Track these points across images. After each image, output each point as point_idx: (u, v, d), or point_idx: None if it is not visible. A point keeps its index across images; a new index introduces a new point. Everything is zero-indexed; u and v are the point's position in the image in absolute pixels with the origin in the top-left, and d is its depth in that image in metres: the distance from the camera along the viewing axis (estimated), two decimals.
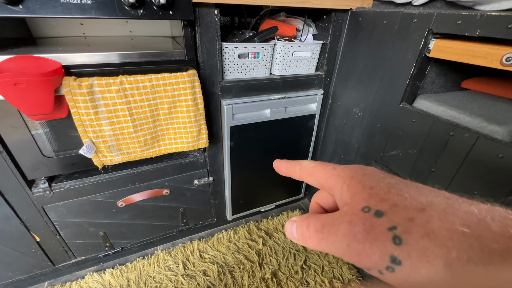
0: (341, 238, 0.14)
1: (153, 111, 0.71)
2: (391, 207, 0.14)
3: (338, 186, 0.17)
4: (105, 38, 0.88)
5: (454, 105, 0.65)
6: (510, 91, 0.69)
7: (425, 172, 0.69)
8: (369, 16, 0.79)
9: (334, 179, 0.18)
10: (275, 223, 1.21)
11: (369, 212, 0.14)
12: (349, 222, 0.14)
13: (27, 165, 0.70)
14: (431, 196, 0.14)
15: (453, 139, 0.61)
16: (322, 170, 0.19)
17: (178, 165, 0.92)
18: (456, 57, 0.58)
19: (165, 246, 1.10)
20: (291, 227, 0.18)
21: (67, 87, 0.58)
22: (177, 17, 0.63)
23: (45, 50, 0.65)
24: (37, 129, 0.68)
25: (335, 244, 0.15)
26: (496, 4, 0.54)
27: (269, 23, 0.90)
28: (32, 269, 0.89)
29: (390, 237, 0.13)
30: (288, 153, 1.09)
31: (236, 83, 0.84)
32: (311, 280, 0.97)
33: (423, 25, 0.63)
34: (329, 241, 0.15)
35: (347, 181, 0.17)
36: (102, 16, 0.56)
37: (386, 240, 0.13)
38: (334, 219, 0.16)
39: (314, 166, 0.20)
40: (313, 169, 0.20)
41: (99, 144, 0.68)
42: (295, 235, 0.18)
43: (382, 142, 0.82)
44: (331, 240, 0.15)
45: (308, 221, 0.17)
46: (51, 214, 0.81)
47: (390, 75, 0.75)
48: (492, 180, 0.55)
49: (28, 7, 0.51)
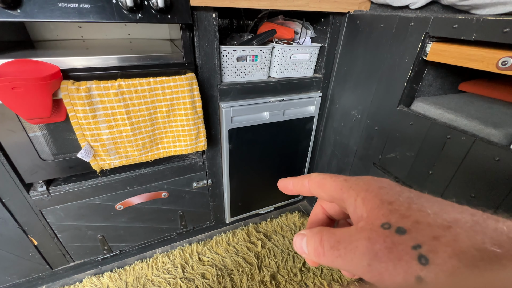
0: (361, 256, 0.14)
1: (152, 115, 0.71)
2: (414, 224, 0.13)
3: (351, 199, 0.16)
4: (103, 41, 0.88)
5: (451, 108, 0.66)
6: (506, 94, 0.70)
7: (422, 175, 0.69)
8: (366, 19, 0.79)
9: (346, 191, 0.17)
10: (274, 225, 1.21)
11: (389, 229, 0.13)
12: (368, 239, 0.14)
13: (24, 168, 0.70)
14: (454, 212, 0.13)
15: (450, 142, 0.61)
16: (332, 181, 0.18)
17: (176, 168, 0.92)
18: (453, 60, 0.58)
19: (164, 249, 1.10)
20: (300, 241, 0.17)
21: (65, 91, 0.58)
22: (175, 20, 0.63)
23: (43, 54, 0.65)
24: (35, 132, 0.68)
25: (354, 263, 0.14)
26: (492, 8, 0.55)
27: (268, 26, 0.90)
28: (29, 273, 0.88)
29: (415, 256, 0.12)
30: (286, 155, 1.09)
31: (234, 86, 0.84)
32: (310, 282, 0.97)
33: (420, 28, 0.64)
34: (347, 259, 0.14)
35: (362, 194, 0.16)
36: (101, 20, 0.57)
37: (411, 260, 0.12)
38: (350, 235, 0.15)
39: (324, 178, 0.19)
40: (323, 181, 0.19)
41: (97, 147, 0.68)
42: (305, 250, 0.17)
43: (380, 145, 0.82)
44: (348, 258, 0.14)
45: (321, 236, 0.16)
46: (49, 218, 0.80)
47: (387, 78, 0.75)
48: (489, 183, 0.55)
49: (26, 11, 0.51)
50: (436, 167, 0.65)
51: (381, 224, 0.14)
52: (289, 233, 1.17)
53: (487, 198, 0.56)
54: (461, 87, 0.78)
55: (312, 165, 1.22)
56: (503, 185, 0.53)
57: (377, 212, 0.14)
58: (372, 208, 0.15)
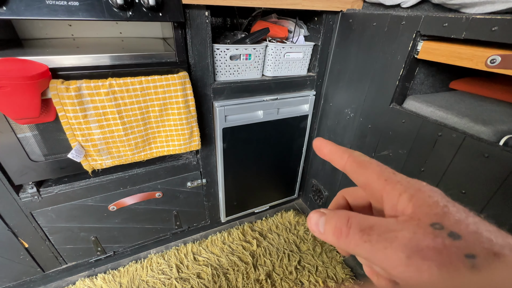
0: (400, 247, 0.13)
1: (144, 114, 0.70)
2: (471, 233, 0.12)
3: (395, 192, 0.15)
4: (94, 40, 0.86)
5: (442, 106, 0.67)
6: (496, 92, 0.71)
7: (415, 172, 0.70)
8: (359, 18, 0.80)
9: (392, 183, 0.16)
10: (269, 224, 1.21)
11: (441, 230, 0.12)
12: (414, 233, 0.13)
13: (13, 169, 0.69)
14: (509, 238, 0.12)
15: (442, 139, 0.62)
16: (378, 168, 0.17)
17: (170, 168, 0.91)
18: (443, 58, 0.59)
19: (159, 250, 1.09)
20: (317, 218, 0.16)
21: (54, 90, 0.57)
22: (167, 19, 0.62)
23: (32, 52, 0.64)
24: (24, 132, 0.66)
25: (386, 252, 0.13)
26: (481, 7, 0.56)
27: (261, 24, 0.90)
28: (20, 276, 0.87)
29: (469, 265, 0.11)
30: (281, 154, 1.09)
31: (228, 84, 0.84)
32: (305, 280, 0.98)
33: (411, 27, 0.64)
34: (379, 246, 0.13)
35: (411, 191, 0.15)
36: (90, 18, 0.56)
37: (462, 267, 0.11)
38: (388, 224, 0.14)
39: (370, 161, 0.18)
40: (367, 164, 0.17)
41: (88, 147, 0.67)
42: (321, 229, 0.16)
43: (373, 143, 0.83)
44: (381, 246, 0.13)
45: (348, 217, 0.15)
46: (40, 220, 0.79)
47: (380, 76, 0.76)
48: (479, 179, 0.56)
49: (12, 8, 0.50)
50: (427, 164, 0.66)
51: (431, 223, 0.13)
52: (284, 231, 1.17)
53: (477, 194, 0.57)
54: (452, 85, 0.79)
55: (307, 163, 1.23)
56: (492, 181, 0.54)
57: (428, 210, 0.14)
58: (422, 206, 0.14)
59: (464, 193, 0.59)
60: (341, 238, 0.15)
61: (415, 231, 0.13)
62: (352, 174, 0.18)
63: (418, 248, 0.12)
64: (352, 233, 0.15)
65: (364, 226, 0.14)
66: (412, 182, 0.16)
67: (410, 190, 0.15)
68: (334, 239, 0.15)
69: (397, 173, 0.17)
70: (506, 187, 0.52)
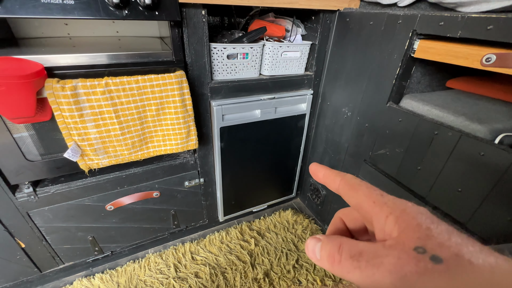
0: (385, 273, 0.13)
1: (141, 113, 0.70)
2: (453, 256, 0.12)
3: (382, 215, 0.16)
4: (91, 39, 0.86)
5: (438, 105, 0.67)
6: (492, 91, 0.71)
7: (411, 171, 0.70)
8: (356, 17, 0.80)
9: (379, 206, 0.16)
10: (267, 223, 1.21)
11: (424, 254, 0.13)
12: (398, 259, 0.13)
13: (9, 169, 0.68)
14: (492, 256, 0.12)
15: (438, 137, 0.62)
16: (367, 191, 0.18)
17: (168, 167, 0.91)
18: (439, 57, 0.59)
19: (156, 249, 1.09)
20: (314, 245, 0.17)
21: (50, 90, 0.57)
22: (163, 17, 0.62)
23: (27, 51, 0.63)
24: (20, 132, 0.66)
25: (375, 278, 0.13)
26: (477, 6, 0.56)
27: (259, 23, 0.90)
28: (17, 276, 0.86)
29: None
30: (279, 153, 1.09)
31: (225, 83, 0.83)
32: (303, 279, 0.98)
33: (407, 26, 0.65)
34: (367, 273, 0.14)
35: (396, 212, 0.15)
36: (86, 17, 0.55)
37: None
38: (376, 249, 0.14)
39: (359, 184, 0.18)
40: (357, 186, 0.18)
41: (84, 147, 0.66)
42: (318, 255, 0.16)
43: (370, 141, 0.83)
44: (369, 272, 0.14)
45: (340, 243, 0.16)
46: (37, 220, 0.78)
47: (377, 75, 0.76)
48: (475, 177, 0.56)
49: (6, 7, 0.49)
50: (424, 163, 0.66)
51: (414, 247, 0.13)
52: (282, 230, 1.17)
53: (473, 192, 0.57)
54: (448, 84, 0.80)
55: (305, 162, 1.23)
56: (488, 179, 0.54)
57: (412, 234, 0.14)
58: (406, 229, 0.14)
59: (460, 191, 0.59)
60: (335, 265, 0.15)
61: (400, 256, 0.13)
62: (345, 196, 0.19)
63: (403, 274, 0.13)
64: (343, 260, 0.15)
65: (354, 253, 0.15)
66: (398, 203, 0.16)
67: (396, 212, 0.15)
68: (329, 266, 0.16)
69: (385, 194, 0.17)
70: (502, 185, 0.52)
